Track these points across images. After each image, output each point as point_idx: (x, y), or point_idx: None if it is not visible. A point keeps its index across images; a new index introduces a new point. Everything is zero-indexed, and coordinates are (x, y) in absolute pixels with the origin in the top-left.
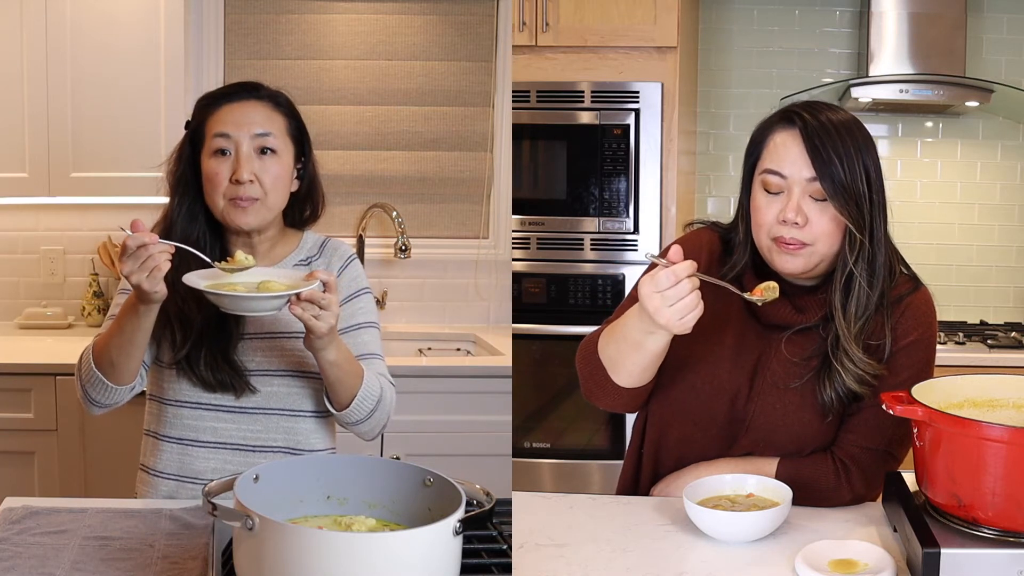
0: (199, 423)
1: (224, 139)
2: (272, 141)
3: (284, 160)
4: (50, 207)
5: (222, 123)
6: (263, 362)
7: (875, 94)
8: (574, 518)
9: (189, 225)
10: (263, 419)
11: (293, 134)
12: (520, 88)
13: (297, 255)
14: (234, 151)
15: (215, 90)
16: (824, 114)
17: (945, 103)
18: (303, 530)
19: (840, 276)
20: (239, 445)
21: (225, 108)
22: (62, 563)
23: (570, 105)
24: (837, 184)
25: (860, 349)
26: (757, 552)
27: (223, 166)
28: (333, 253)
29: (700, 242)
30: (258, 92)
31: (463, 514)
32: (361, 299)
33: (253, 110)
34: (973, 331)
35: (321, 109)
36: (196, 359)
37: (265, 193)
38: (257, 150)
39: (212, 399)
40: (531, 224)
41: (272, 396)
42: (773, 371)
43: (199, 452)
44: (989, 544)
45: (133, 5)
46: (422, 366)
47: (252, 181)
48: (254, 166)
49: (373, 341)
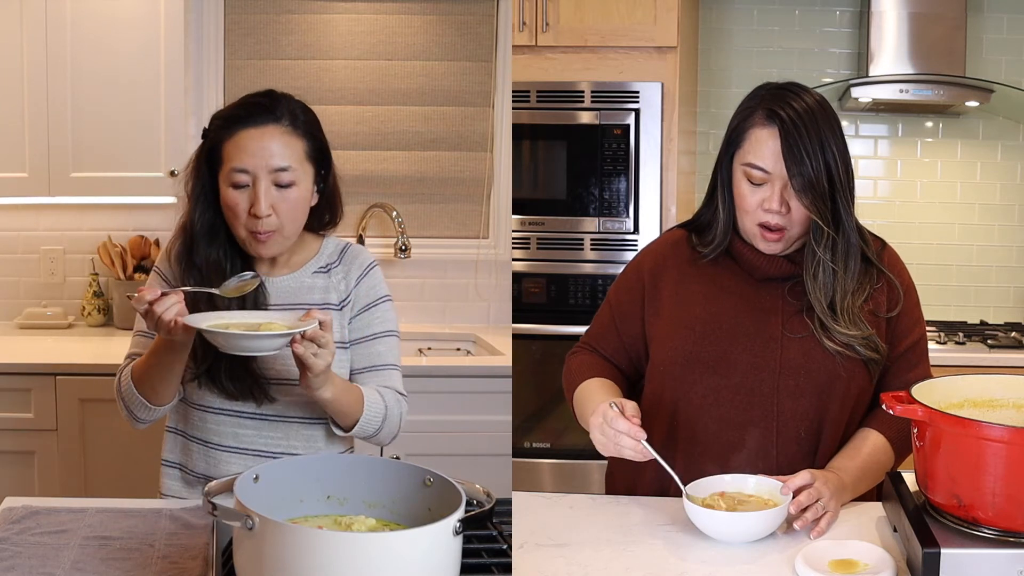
0: (222, 428)
1: (242, 174)
2: (290, 175)
3: (303, 186)
4: (50, 207)
5: (239, 154)
6: (283, 371)
7: (875, 94)
8: (574, 518)
9: (210, 245)
10: (283, 427)
11: (313, 155)
12: (520, 88)
13: (317, 262)
14: (252, 183)
15: (232, 108)
16: (796, 106)
17: (945, 103)
18: (303, 530)
19: (809, 264)
20: (260, 451)
21: (242, 135)
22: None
23: (570, 105)
24: (806, 184)
25: (841, 321)
26: (757, 552)
27: (242, 197)
28: (353, 261)
29: (668, 244)
30: (275, 113)
31: (463, 514)
32: (379, 308)
33: (271, 139)
34: (973, 331)
35: (321, 109)
36: (217, 370)
37: (283, 224)
38: (275, 183)
39: (234, 406)
40: (531, 224)
41: (292, 405)
42: (779, 322)
43: (223, 455)
44: (989, 544)
45: (133, 5)
46: (422, 366)
47: (270, 215)
48: (272, 198)
49: (389, 351)
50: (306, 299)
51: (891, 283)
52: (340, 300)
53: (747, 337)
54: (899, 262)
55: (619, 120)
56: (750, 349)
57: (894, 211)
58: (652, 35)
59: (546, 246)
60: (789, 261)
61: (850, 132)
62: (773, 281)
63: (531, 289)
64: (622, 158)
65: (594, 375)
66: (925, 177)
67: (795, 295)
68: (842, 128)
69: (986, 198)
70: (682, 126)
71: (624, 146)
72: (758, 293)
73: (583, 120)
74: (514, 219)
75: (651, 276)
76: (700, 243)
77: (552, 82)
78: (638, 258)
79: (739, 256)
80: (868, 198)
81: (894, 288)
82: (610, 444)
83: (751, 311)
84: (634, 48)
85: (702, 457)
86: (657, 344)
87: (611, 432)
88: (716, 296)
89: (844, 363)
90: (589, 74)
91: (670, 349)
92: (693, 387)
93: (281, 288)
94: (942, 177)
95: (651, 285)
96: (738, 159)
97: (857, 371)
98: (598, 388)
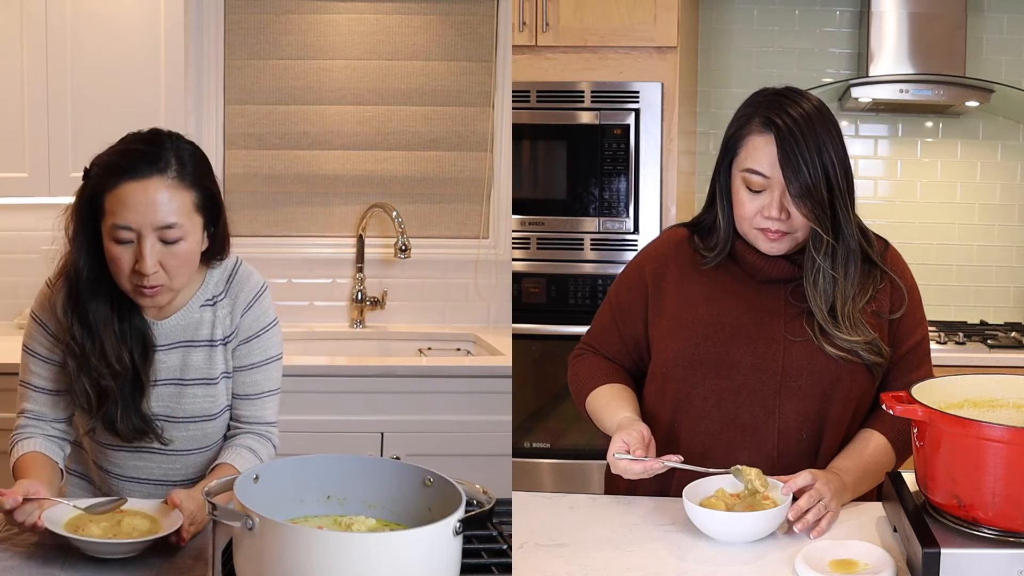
0: (124, 462)
1: (125, 231)
2: (177, 232)
3: (192, 239)
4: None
5: (122, 210)
6: (177, 408)
7: (875, 94)
8: (574, 518)
9: (95, 297)
10: (182, 459)
11: (202, 205)
12: (520, 88)
13: (203, 294)
14: (136, 239)
15: (114, 154)
16: (793, 112)
17: (945, 103)
18: (303, 530)
19: (810, 270)
20: (162, 480)
21: (124, 188)
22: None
23: (570, 105)
24: (804, 191)
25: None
26: (757, 552)
27: (126, 253)
28: (240, 291)
29: (670, 243)
30: (159, 164)
31: (463, 514)
32: (262, 338)
33: (156, 192)
34: (973, 331)
35: (321, 109)
36: (111, 416)
37: (172, 278)
38: (161, 239)
39: (132, 444)
40: (531, 224)
41: (188, 439)
42: (782, 323)
43: (127, 485)
44: (989, 544)
45: (133, 5)
46: (422, 366)
47: (157, 271)
48: (159, 254)
49: (267, 379)
50: (194, 336)
51: (894, 284)
52: (225, 335)
53: (749, 339)
54: (902, 263)
55: (619, 120)
56: (752, 351)
57: (894, 211)
58: (652, 35)
59: (546, 246)
60: (791, 263)
61: (850, 132)
62: (775, 283)
63: (531, 289)
64: (622, 158)
65: (605, 380)
66: (925, 177)
67: (797, 297)
68: (841, 132)
69: (986, 198)
70: (682, 126)
71: (624, 146)
72: (760, 295)
73: (583, 120)
74: (514, 219)
75: (653, 276)
76: (704, 247)
77: (552, 82)
78: (639, 258)
79: (741, 258)
80: (868, 198)
81: (897, 289)
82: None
83: (753, 313)
84: (634, 48)
85: (703, 458)
86: (659, 345)
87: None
88: (718, 297)
89: (846, 366)
90: (589, 74)
91: (672, 350)
92: (695, 388)
93: (170, 329)
94: (942, 177)
95: (654, 285)
96: (736, 166)
97: (859, 374)
98: (612, 397)
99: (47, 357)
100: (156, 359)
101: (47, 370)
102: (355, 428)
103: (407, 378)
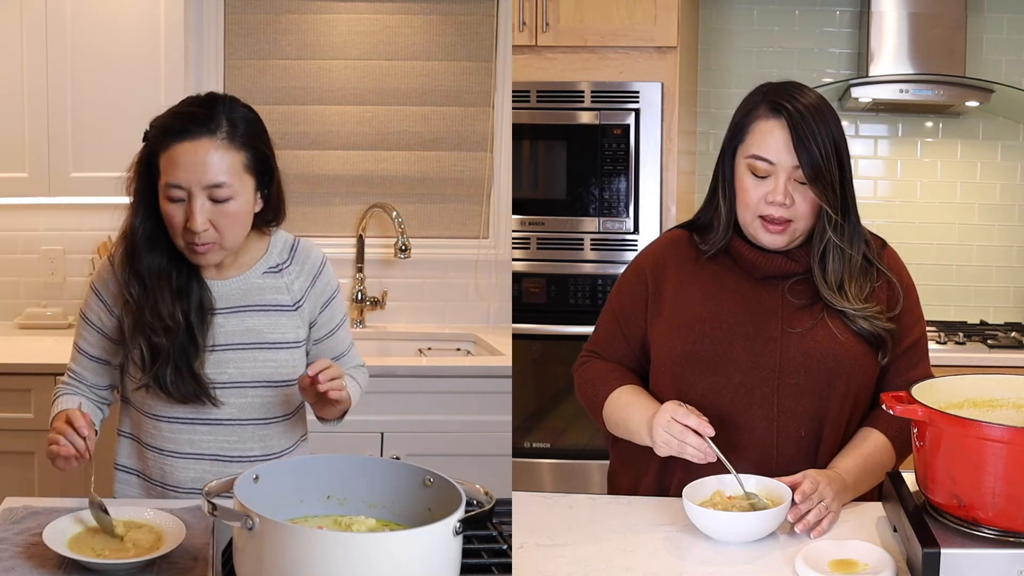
0: (177, 436)
1: (177, 189)
2: (226, 191)
3: (242, 199)
4: (50, 207)
5: (174, 169)
6: (236, 374)
7: (875, 94)
8: (574, 518)
9: (151, 252)
10: (239, 430)
11: (253, 166)
12: (520, 88)
13: (266, 261)
14: (187, 198)
15: (169, 116)
16: (801, 100)
17: (945, 103)
18: (303, 530)
19: (817, 248)
20: (217, 456)
21: (176, 148)
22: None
23: (570, 105)
24: (817, 172)
25: (850, 298)
26: (757, 552)
27: (178, 211)
28: (305, 260)
29: (668, 244)
30: (210, 125)
31: (463, 514)
32: (336, 301)
33: (205, 152)
34: (973, 331)
35: (321, 109)
36: (163, 376)
37: (223, 236)
38: (211, 198)
39: (186, 412)
40: (531, 224)
41: (247, 407)
42: (779, 321)
43: (179, 463)
44: (989, 544)
45: (133, 5)
46: (422, 366)
47: (207, 229)
48: (209, 213)
49: (347, 336)
50: (255, 300)
51: (891, 282)
52: (294, 301)
53: (747, 336)
54: (899, 262)
55: (619, 120)
56: (750, 348)
57: (894, 211)
58: (652, 35)
59: (546, 246)
60: (789, 259)
61: (850, 132)
62: (773, 280)
63: (531, 289)
64: (622, 158)
65: (620, 382)
66: (925, 177)
67: (795, 294)
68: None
69: (986, 198)
70: (682, 126)
71: (624, 146)
72: (758, 292)
73: (583, 120)
74: (514, 219)
75: (653, 277)
76: (702, 241)
77: (552, 82)
78: (638, 260)
79: (738, 255)
80: (868, 198)
81: (894, 287)
82: (674, 442)
83: (751, 310)
84: (634, 48)
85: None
86: (657, 344)
87: (678, 429)
88: (716, 296)
89: (847, 355)
90: (589, 74)
91: (670, 349)
92: (693, 387)
93: (229, 290)
94: (942, 177)
95: (653, 286)
96: (741, 152)
97: (859, 363)
98: (636, 395)
99: (97, 326)
100: (215, 323)
101: (95, 337)
102: (355, 428)
103: (407, 378)
